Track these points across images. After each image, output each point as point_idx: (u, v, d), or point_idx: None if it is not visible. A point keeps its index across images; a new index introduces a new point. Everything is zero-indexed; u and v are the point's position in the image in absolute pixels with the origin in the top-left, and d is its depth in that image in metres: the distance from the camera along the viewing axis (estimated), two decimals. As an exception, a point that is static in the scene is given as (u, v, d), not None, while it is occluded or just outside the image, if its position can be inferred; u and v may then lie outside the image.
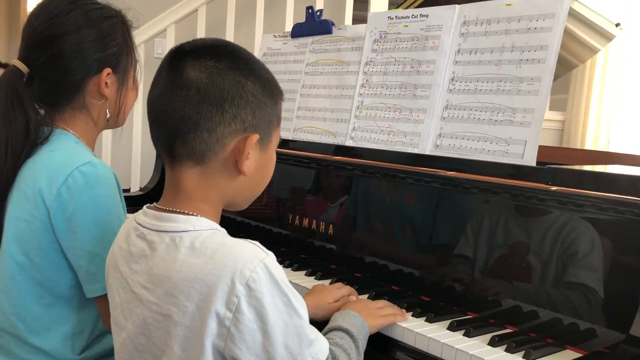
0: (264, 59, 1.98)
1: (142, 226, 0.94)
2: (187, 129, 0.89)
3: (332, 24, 1.80)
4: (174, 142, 0.91)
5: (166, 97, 0.91)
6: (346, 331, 1.06)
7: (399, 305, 1.22)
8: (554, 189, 1.15)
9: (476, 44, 1.38)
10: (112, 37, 1.22)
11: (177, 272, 0.86)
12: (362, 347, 1.07)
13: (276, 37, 1.99)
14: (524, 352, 1.04)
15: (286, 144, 1.76)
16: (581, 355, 1.06)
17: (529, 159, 1.23)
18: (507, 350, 1.06)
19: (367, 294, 1.31)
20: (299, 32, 1.90)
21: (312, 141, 1.73)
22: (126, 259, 0.95)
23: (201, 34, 3.40)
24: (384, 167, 1.46)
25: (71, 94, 1.21)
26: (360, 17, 3.89)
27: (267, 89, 0.95)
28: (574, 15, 1.94)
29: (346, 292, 1.27)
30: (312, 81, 1.81)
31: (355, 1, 3.83)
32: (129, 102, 1.30)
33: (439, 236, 1.34)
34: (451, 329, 1.14)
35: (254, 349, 0.84)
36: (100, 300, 1.14)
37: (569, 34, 2.01)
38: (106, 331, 1.22)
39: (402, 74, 1.52)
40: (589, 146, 4.12)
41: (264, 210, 1.78)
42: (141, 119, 3.17)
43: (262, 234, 1.74)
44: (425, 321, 1.17)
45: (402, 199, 1.41)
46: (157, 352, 0.90)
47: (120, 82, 1.25)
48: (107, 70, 1.22)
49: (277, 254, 0.90)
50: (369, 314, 1.14)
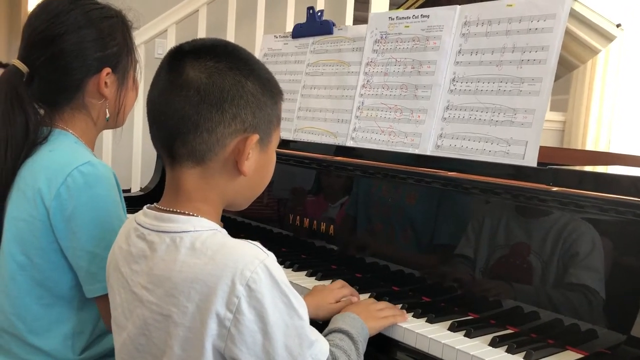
0: (265, 59, 1.97)
1: (142, 227, 0.94)
2: (187, 130, 0.89)
3: (333, 25, 1.80)
4: (173, 142, 0.91)
5: (166, 98, 0.91)
6: (346, 333, 1.05)
7: (399, 305, 1.22)
8: (555, 189, 1.15)
9: (477, 45, 1.37)
10: (112, 37, 1.22)
11: (178, 273, 0.86)
12: (362, 349, 1.07)
13: (277, 37, 1.99)
14: (524, 353, 1.04)
15: (287, 144, 1.76)
16: (582, 356, 1.06)
17: (530, 160, 1.23)
18: (508, 351, 1.06)
19: (368, 295, 1.30)
20: (299, 32, 1.90)
21: (312, 142, 1.72)
22: (127, 260, 0.95)
23: (202, 34, 3.40)
24: (385, 167, 1.45)
25: (71, 94, 1.21)
26: (361, 18, 3.89)
27: (267, 89, 0.95)
28: (575, 15, 1.94)
29: (347, 292, 1.26)
30: (312, 81, 1.80)
31: (356, 2, 3.83)
32: (129, 102, 1.30)
33: (439, 237, 1.34)
34: (452, 329, 1.14)
35: (254, 349, 0.83)
36: (100, 300, 1.14)
37: (569, 35, 2.01)
38: (106, 331, 1.22)
39: (403, 74, 1.52)
40: (590, 147, 4.11)
41: (265, 210, 1.78)
42: (142, 119, 3.18)
43: (262, 235, 1.74)
44: (426, 322, 1.17)
45: (403, 200, 1.41)
46: (157, 353, 0.90)
47: (120, 82, 1.25)
48: (107, 70, 1.22)
49: (277, 255, 0.90)
50: (369, 316, 1.14)
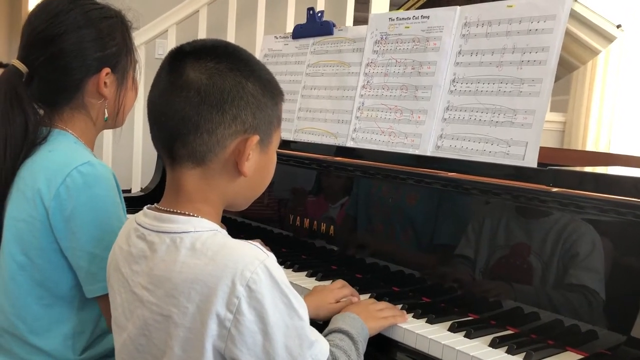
0: (265, 60, 1.97)
1: (142, 227, 0.94)
2: (187, 130, 0.89)
3: (333, 25, 1.79)
4: (174, 143, 0.91)
5: (166, 98, 0.91)
6: (346, 333, 1.05)
7: (399, 306, 1.22)
8: (555, 190, 1.15)
9: (477, 45, 1.37)
10: (112, 37, 1.22)
11: (178, 273, 0.86)
12: (362, 349, 1.07)
13: (277, 38, 1.99)
14: (525, 354, 1.04)
15: (287, 144, 1.76)
16: (582, 357, 1.06)
17: (530, 161, 1.23)
18: (508, 351, 1.06)
19: (368, 295, 1.30)
20: (300, 33, 1.90)
21: (313, 142, 1.72)
22: (127, 260, 0.95)
23: (202, 35, 3.40)
24: (385, 168, 1.45)
25: (70, 94, 1.21)
26: (361, 18, 3.89)
27: (268, 90, 0.95)
28: (575, 16, 1.94)
29: (348, 292, 1.26)
30: (313, 82, 1.80)
31: (356, 2, 3.84)
32: (128, 102, 1.30)
33: (439, 237, 1.34)
34: (452, 330, 1.14)
35: (255, 350, 0.83)
36: (101, 299, 1.14)
37: (570, 36, 2.01)
38: (107, 331, 1.22)
39: (403, 75, 1.52)
40: (590, 147, 4.11)
41: (265, 211, 1.78)
42: (142, 119, 3.18)
43: (263, 235, 1.74)
44: (426, 322, 1.17)
45: (403, 200, 1.41)
46: (157, 353, 0.90)
47: (119, 82, 1.25)
48: (106, 70, 1.22)
49: (277, 255, 0.90)
50: (369, 316, 1.14)
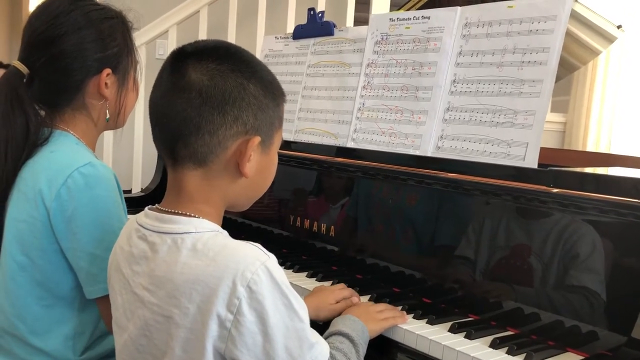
0: (266, 60, 1.98)
1: (143, 227, 0.94)
2: (188, 132, 0.89)
3: (334, 26, 1.80)
4: (175, 144, 0.91)
5: (168, 99, 0.91)
6: (346, 335, 1.05)
7: (400, 307, 1.22)
8: (555, 191, 1.15)
9: (478, 46, 1.37)
10: (112, 38, 1.22)
11: (179, 274, 0.86)
12: (363, 351, 1.07)
13: (278, 38, 1.99)
14: (525, 355, 1.04)
15: (288, 145, 1.76)
16: (582, 357, 1.06)
17: (531, 161, 1.23)
18: (508, 352, 1.06)
19: (368, 296, 1.30)
20: (300, 33, 1.90)
21: (313, 143, 1.72)
22: (128, 261, 0.95)
23: (203, 35, 3.40)
24: (386, 168, 1.45)
25: (71, 95, 1.21)
26: (361, 19, 3.89)
27: (269, 91, 0.95)
28: (576, 17, 1.94)
29: (347, 293, 1.26)
30: (313, 83, 1.80)
31: (356, 3, 3.83)
32: (129, 103, 1.30)
33: (440, 238, 1.34)
34: (452, 331, 1.14)
35: (255, 351, 0.83)
36: (100, 301, 1.14)
37: (570, 36, 2.01)
38: (107, 332, 1.22)
39: (404, 75, 1.52)
40: (591, 148, 4.11)
41: (266, 211, 1.78)
42: (143, 120, 3.18)
43: (263, 236, 1.74)
44: (426, 323, 1.17)
45: (404, 201, 1.41)
46: (158, 354, 0.90)
47: (120, 83, 1.25)
48: (107, 70, 1.22)
49: (278, 256, 0.90)
50: (370, 318, 1.14)
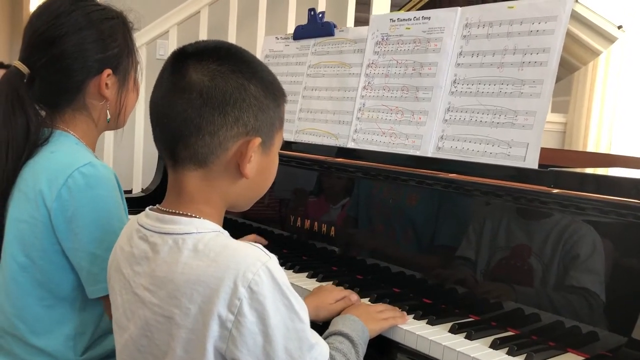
0: (266, 60, 1.98)
1: (144, 228, 0.94)
2: (189, 132, 0.89)
3: (334, 26, 1.80)
4: (176, 145, 0.91)
5: (168, 100, 0.91)
6: (346, 336, 1.05)
7: (400, 307, 1.22)
8: (555, 191, 1.15)
9: (478, 47, 1.37)
10: (113, 39, 1.22)
11: (180, 275, 0.86)
12: (362, 351, 1.07)
13: (278, 39, 1.99)
14: (525, 355, 1.04)
15: (288, 145, 1.76)
16: (583, 358, 1.06)
17: (531, 162, 1.23)
18: (508, 353, 1.06)
19: (369, 296, 1.30)
20: (301, 34, 1.90)
21: (314, 143, 1.73)
22: (129, 261, 0.95)
23: (203, 35, 3.40)
24: (386, 169, 1.46)
25: (72, 95, 1.21)
26: (362, 19, 3.89)
27: (270, 92, 0.95)
28: (576, 17, 1.94)
29: (347, 292, 1.26)
30: (314, 83, 1.80)
31: (357, 3, 3.84)
32: (130, 104, 1.30)
33: (440, 238, 1.34)
34: (453, 331, 1.14)
35: (255, 351, 0.84)
36: (105, 299, 1.14)
37: (571, 37, 2.01)
38: (107, 332, 1.23)
39: (404, 76, 1.52)
40: (591, 148, 4.11)
41: (266, 212, 1.78)
42: (143, 120, 3.18)
43: (264, 236, 1.74)
44: (426, 324, 1.17)
45: (404, 201, 1.41)
46: (159, 354, 0.90)
47: (120, 84, 1.25)
48: (108, 71, 1.22)
49: (278, 256, 0.90)
50: (370, 318, 1.14)
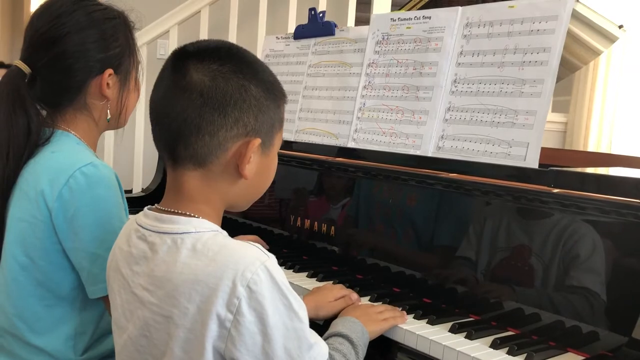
0: (267, 60, 1.98)
1: (143, 228, 0.94)
2: (189, 132, 0.89)
3: (335, 26, 1.80)
4: (176, 144, 0.91)
5: (169, 99, 0.91)
6: (346, 337, 1.05)
7: (400, 307, 1.22)
8: (556, 191, 1.15)
9: (479, 46, 1.37)
10: (115, 38, 1.22)
11: (178, 274, 0.86)
12: (362, 353, 1.06)
13: (279, 38, 1.99)
14: (526, 355, 1.04)
15: (288, 145, 1.76)
16: (583, 358, 1.06)
17: (532, 161, 1.23)
18: (509, 352, 1.06)
19: (369, 296, 1.30)
20: (301, 33, 1.90)
21: (314, 143, 1.72)
22: (127, 261, 0.95)
23: (204, 35, 3.40)
24: (386, 168, 1.46)
25: (73, 95, 1.22)
26: (362, 19, 3.89)
27: (271, 93, 0.94)
28: (577, 17, 1.94)
29: (347, 291, 1.27)
30: (314, 83, 1.80)
31: (358, 3, 3.83)
32: (131, 103, 1.30)
33: (440, 238, 1.34)
34: (453, 331, 1.14)
35: (254, 351, 0.83)
36: (107, 299, 1.14)
37: (571, 36, 2.01)
38: (107, 332, 1.23)
39: (405, 75, 1.52)
40: (592, 148, 4.10)
41: (266, 211, 1.78)
42: (144, 120, 3.17)
43: (264, 235, 1.74)
44: (426, 323, 1.17)
45: (404, 201, 1.41)
46: (157, 354, 0.90)
47: (122, 83, 1.25)
48: (109, 71, 1.22)
49: (278, 256, 0.90)
50: (369, 320, 1.14)
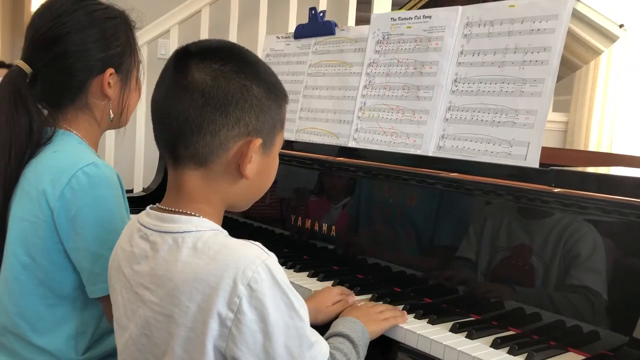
0: (267, 60, 1.98)
1: (145, 227, 0.94)
2: (190, 132, 0.89)
3: (335, 25, 1.80)
4: (177, 144, 0.91)
5: (170, 99, 0.91)
6: (347, 337, 1.05)
7: (401, 307, 1.22)
8: (557, 190, 1.15)
9: (479, 46, 1.37)
10: (115, 38, 1.22)
11: (179, 273, 0.86)
12: (363, 353, 1.06)
13: (279, 38, 1.99)
14: (526, 355, 1.04)
15: (289, 145, 1.76)
16: (584, 357, 1.06)
17: (532, 161, 1.23)
18: (509, 352, 1.06)
19: (369, 295, 1.31)
20: (301, 33, 1.90)
21: (314, 142, 1.73)
22: (129, 260, 0.95)
23: (204, 35, 3.40)
24: (387, 168, 1.46)
25: (74, 94, 1.22)
26: (363, 18, 3.88)
27: (272, 93, 0.94)
28: (577, 16, 1.94)
29: (346, 293, 1.27)
30: (314, 82, 1.80)
31: (358, 2, 3.83)
32: (132, 103, 1.30)
33: (441, 238, 1.34)
34: (453, 330, 1.14)
35: (255, 349, 0.84)
36: (104, 299, 1.14)
37: (572, 36, 2.01)
38: (108, 332, 1.23)
39: (405, 75, 1.52)
40: (593, 148, 4.10)
41: (267, 211, 1.78)
42: (144, 119, 3.17)
43: (264, 235, 1.74)
44: (427, 323, 1.17)
45: (405, 201, 1.41)
46: (159, 353, 0.90)
47: (123, 83, 1.25)
48: (110, 70, 1.22)
49: (279, 255, 0.90)
50: (370, 320, 1.14)
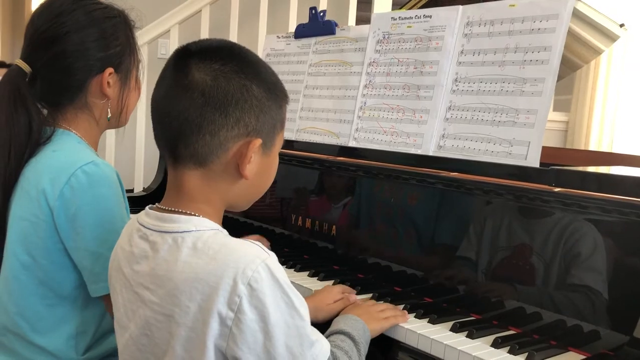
0: (267, 59, 1.98)
1: (144, 227, 0.94)
2: (190, 131, 0.89)
3: (336, 25, 1.80)
4: (176, 143, 0.91)
5: (170, 98, 0.91)
6: (348, 334, 1.05)
7: (401, 306, 1.22)
8: (557, 190, 1.15)
9: (479, 45, 1.37)
10: (115, 37, 1.22)
11: (179, 273, 0.86)
12: (364, 351, 1.06)
13: (279, 37, 1.99)
14: (527, 354, 1.04)
15: (289, 144, 1.76)
16: (585, 357, 1.06)
17: (533, 160, 1.23)
18: (510, 352, 1.06)
19: (370, 295, 1.30)
20: (302, 32, 1.90)
21: (315, 142, 1.72)
22: (129, 260, 0.95)
23: (205, 34, 3.40)
24: (387, 168, 1.45)
25: (73, 94, 1.22)
26: (363, 18, 3.88)
27: (272, 93, 0.94)
28: (578, 15, 1.94)
29: (347, 291, 1.27)
30: (315, 82, 1.80)
31: (358, 2, 3.83)
32: (131, 102, 1.30)
33: (441, 237, 1.34)
34: (454, 330, 1.14)
35: (255, 349, 0.84)
36: (107, 298, 1.14)
37: (572, 35, 2.00)
38: (109, 331, 1.23)
39: (406, 74, 1.51)
40: (593, 147, 4.10)
41: (268, 210, 1.78)
42: (145, 119, 3.17)
43: (265, 235, 1.74)
44: (428, 322, 1.17)
45: (405, 200, 1.41)
46: (159, 353, 0.90)
47: (122, 82, 1.25)
48: (110, 70, 1.22)
49: (280, 255, 0.90)
50: (371, 318, 1.14)
